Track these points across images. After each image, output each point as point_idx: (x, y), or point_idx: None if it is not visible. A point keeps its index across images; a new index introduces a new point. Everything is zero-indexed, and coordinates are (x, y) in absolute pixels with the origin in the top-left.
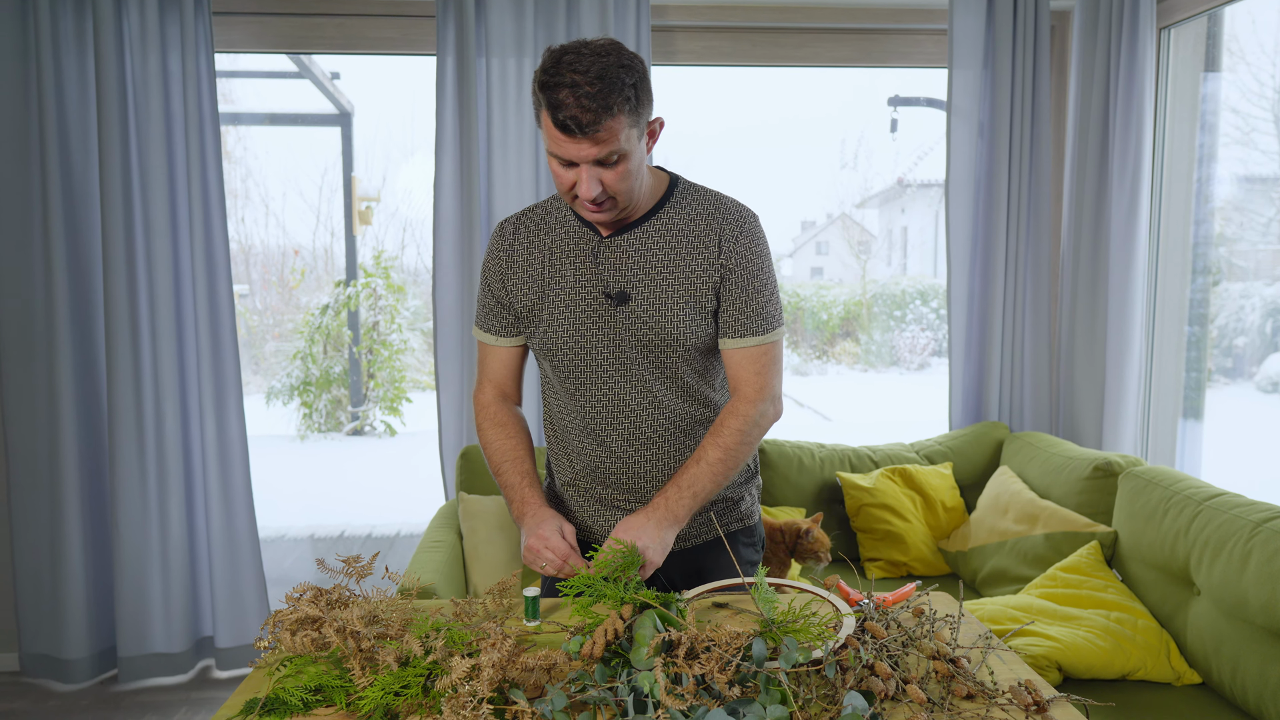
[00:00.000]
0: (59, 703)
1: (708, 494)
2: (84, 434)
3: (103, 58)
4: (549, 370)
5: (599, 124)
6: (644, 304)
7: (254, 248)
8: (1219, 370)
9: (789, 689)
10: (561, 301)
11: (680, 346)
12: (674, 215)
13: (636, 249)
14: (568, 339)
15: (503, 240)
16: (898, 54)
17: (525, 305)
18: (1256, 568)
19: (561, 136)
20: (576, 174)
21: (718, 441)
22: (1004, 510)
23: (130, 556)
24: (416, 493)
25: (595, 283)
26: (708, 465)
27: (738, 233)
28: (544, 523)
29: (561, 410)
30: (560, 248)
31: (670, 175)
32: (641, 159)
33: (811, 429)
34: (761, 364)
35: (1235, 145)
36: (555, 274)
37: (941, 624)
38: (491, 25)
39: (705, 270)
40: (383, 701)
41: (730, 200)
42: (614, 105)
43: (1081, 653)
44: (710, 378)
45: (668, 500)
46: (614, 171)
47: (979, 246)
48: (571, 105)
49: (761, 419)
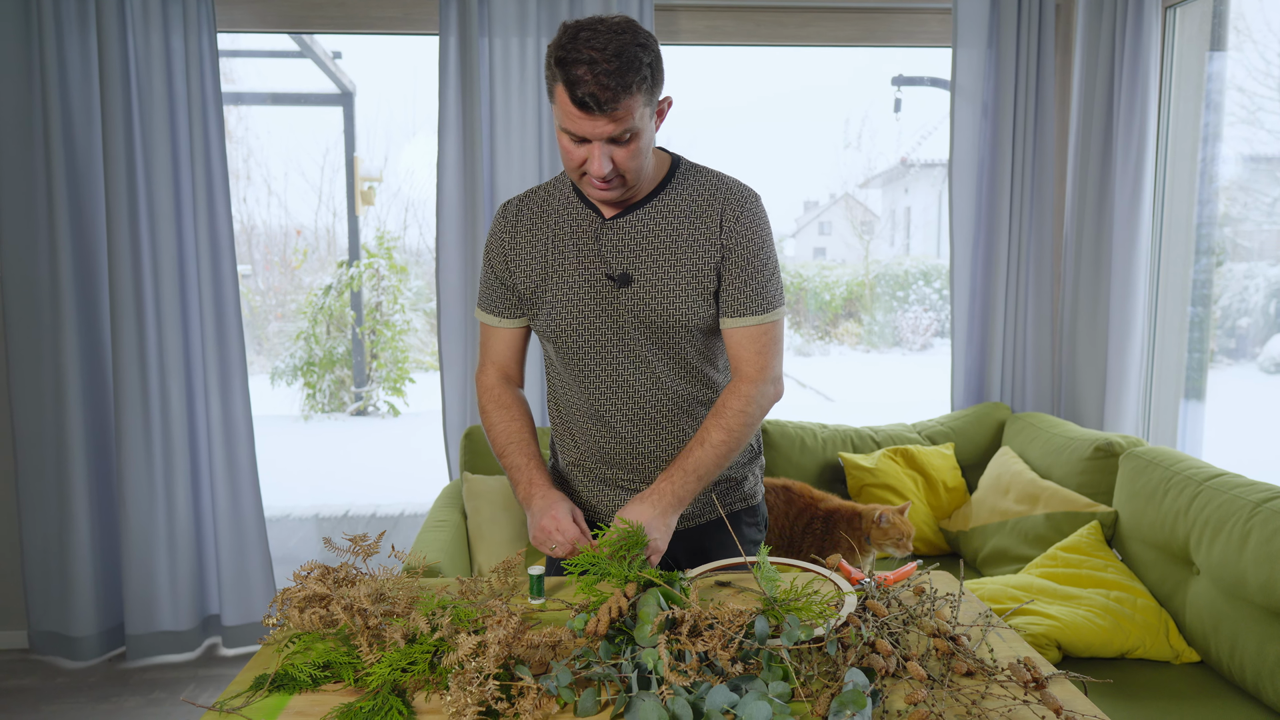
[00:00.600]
0: (68, 679)
1: (711, 475)
2: (91, 414)
3: (105, 38)
4: (552, 352)
5: (617, 102)
6: (646, 285)
7: (256, 228)
8: (1222, 351)
9: (791, 666)
10: (564, 283)
11: (683, 327)
12: (676, 196)
13: (639, 230)
14: (571, 320)
15: (505, 222)
16: (902, 33)
17: (528, 287)
18: (1255, 547)
19: (578, 113)
20: (588, 151)
21: (720, 423)
22: (1005, 490)
23: (137, 535)
24: (420, 473)
25: (598, 264)
26: (711, 447)
27: (739, 212)
28: (554, 504)
29: (565, 391)
30: (563, 229)
31: (672, 156)
32: (651, 138)
33: (814, 409)
34: (762, 343)
35: (1241, 125)
36: (558, 256)
37: (942, 602)
38: (494, 4)
39: (707, 250)
40: (390, 677)
41: (732, 180)
42: (631, 83)
43: (1081, 631)
44: (713, 358)
45: (673, 484)
46: (626, 149)
47: (982, 227)
48: (590, 82)
49: (763, 399)
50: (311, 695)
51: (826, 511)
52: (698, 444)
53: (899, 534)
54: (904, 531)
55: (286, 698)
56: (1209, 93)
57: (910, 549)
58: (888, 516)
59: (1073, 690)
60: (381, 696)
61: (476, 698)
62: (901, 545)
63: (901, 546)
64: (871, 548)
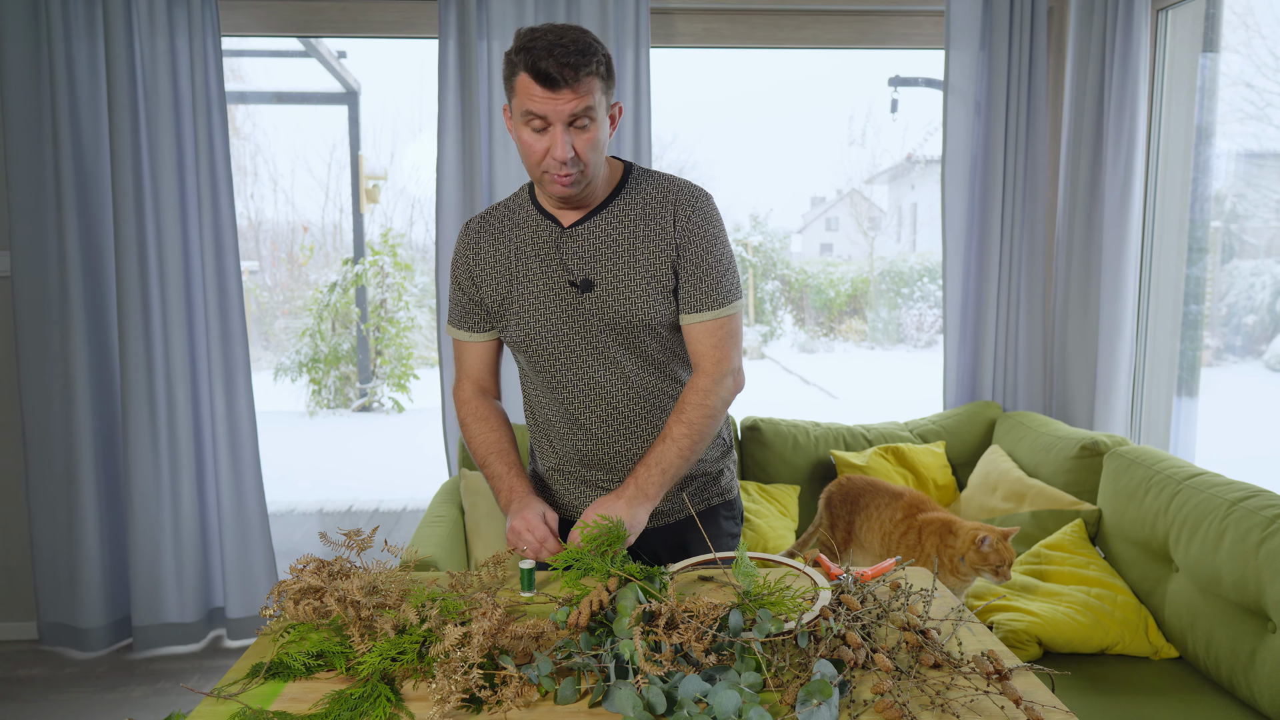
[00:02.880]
0: (76, 670)
1: (678, 470)
2: (98, 410)
3: (112, 41)
4: (524, 362)
5: (578, 76)
6: (608, 289)
7: (263, 224)
8: (1228, 348)
9: (763, 657)
10: (529, 293)
11: (646, 326)
12: (630, 200)
13: (596, 236)
14: (538, 329)
15: (469, 239)
16: (896, 35)
17: (495, 300)
18: (1230, 546)
19: (541, 92)
20: (550, 138)
21: (681, 418)
22: (993, 488)
23: (144, 529)
24: (422, 468)
25: (560, 272)
26: (674, 442)
27: (691, 211)
28: (528, 508)
29: (539, 399)
30: (524, 241)
31: (625, 163)
32: (607, 135)
33: (818, 407)
34: (719, 338)
35: (1249, 120)
36: (522, 267)
37: (916, 598)
38: (493, 8)
39: (662, 249)
40: (380, 666)
41: (683, 181)
42: (590, 62)
43: (1061, 627)
44: (681, 355)
45: (637, 479)
46: (585, 137)
47: (975, 225)
48: (552, 60)
49: (723, 391)
50: (305, 683)
51: (923, 523)
52: (661, 441)
53: (1000, 560)
54: (1005, 558)
55: (281, 685)
56: (1202, 94)
57: (1009, 577)
58: (990, 540)
59: (1036, 683)
60: (371, 684)
61: (460, 686)
62: (1001, 574)
63: (1001, 575)
64: (967, 570)
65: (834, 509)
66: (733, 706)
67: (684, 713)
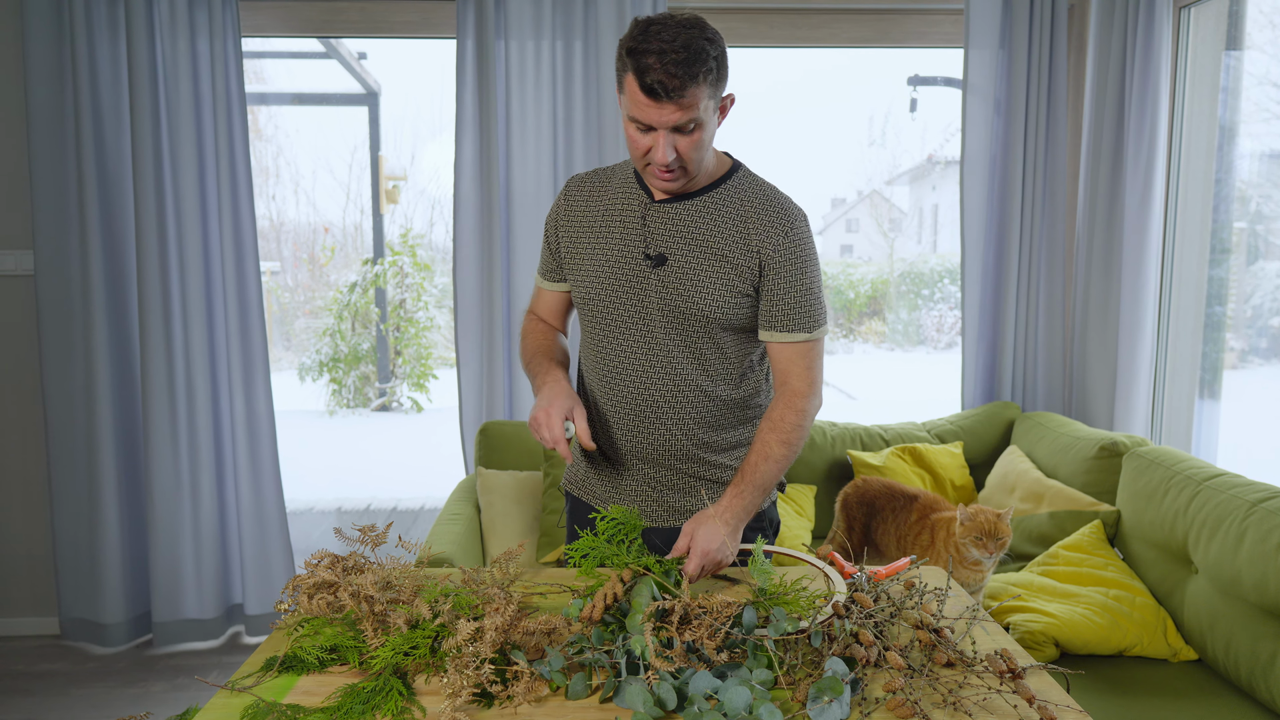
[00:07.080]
0: (97, 665)
1: (772, 486)
2: (120, 409)
3: (134, 42)
4: (583, 324)
5: (684, 90)
6: (678, 269)
7: (285, 225)
8: (1253, 350)
9: (775, 655)
10: (603, 255)
11: (702, 319)
12: (725, 196)
13: (682, 217)
14: (603, 291)
15: (565, 194)
16: (915, 34)
17: (570, 252)
18: (1250, 547)
19: (646, 101)
20: (653, 139)
21: (780, 437)
22: (1011, 489)
23: (164, 527)
24: (441, 468)
25: (639, 243)
26: (775, 461)
27: (787, 227)
28: (555, 400)
29: (585, 369)
30: (614, 206)
31: (734, 161)
32: (713, 131)
33: (836, 408)
34: (810, 359)
35: (1276, 120)
36: (604, 229)
37: (930, 597)
38: (510, 8)
39: (743, 253)
40: (393, 660)
41: (784, 196)
42: (698, 74)
43: (1078, 629)
44: (726, 365)
45: (742, 499)
46: (689, 139)
47: (994, 226)
48: (658, 70)
49: (813, 411)
50: (319, 676)
51: (935, 522)
52: (761, 458)
53: (987, 526)
54: (995, 532)
55: (295, 678)
56: (1225, 93)
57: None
58: (973, 508)
59: (1051, 683)
60: (384, 678)
61: (472, 680)
62: (986, 545)
63: (987, 547)
64: (966, 548)
65: (850, 512)
66: (743, 703)
67: (695, 709)
